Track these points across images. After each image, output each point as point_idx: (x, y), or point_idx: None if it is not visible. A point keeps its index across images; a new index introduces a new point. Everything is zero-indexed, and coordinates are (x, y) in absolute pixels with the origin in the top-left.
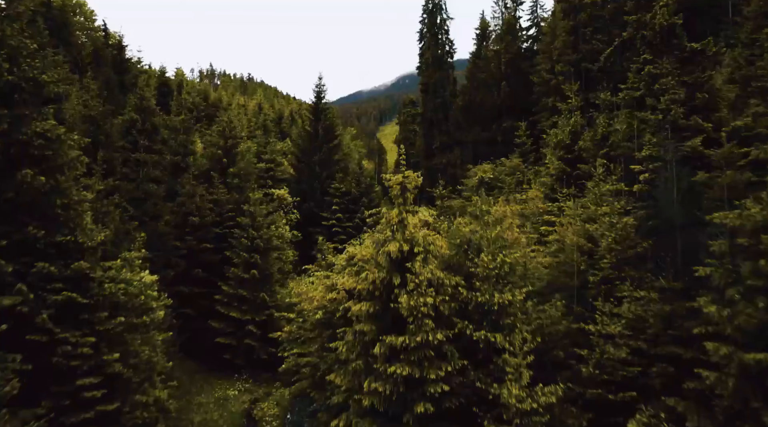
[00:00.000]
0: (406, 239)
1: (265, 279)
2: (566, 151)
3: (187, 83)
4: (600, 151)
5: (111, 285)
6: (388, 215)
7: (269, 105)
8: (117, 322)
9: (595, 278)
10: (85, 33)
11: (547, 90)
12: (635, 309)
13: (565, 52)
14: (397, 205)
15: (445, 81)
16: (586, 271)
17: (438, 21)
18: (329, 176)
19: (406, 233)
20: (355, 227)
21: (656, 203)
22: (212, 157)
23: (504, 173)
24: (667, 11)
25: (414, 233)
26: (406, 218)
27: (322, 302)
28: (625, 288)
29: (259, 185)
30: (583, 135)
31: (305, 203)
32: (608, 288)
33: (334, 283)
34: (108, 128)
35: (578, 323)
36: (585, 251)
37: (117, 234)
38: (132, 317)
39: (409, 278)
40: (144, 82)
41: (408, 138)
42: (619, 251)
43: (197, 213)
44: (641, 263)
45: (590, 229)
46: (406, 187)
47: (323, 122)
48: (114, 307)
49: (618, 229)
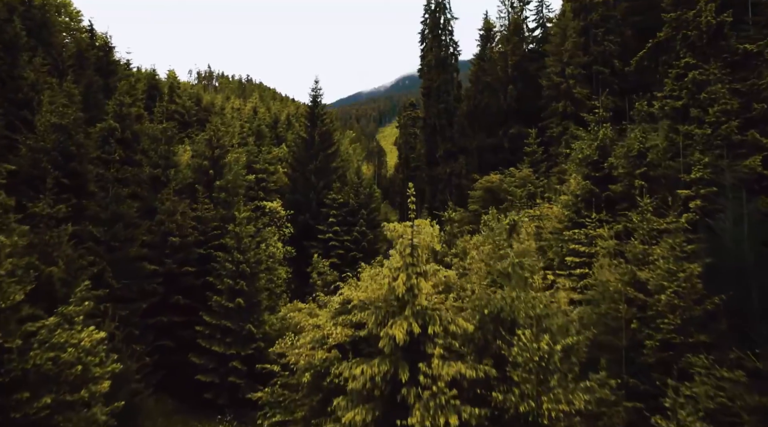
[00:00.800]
0: (416, 313)
1: (252, 308)
2: (593, 168)
3: (179, 86)
4: (636, 170)
5: (37, 354)
6: (392, 279)
7: (265, 108)
8: (42, 404)
9: (652, 343)
10: (71, 34)
11: (556, 94)
12: (715, 394)
13: (576, 54)
14: (404, 268)
15: (449, 85)
16: (639, 330)
17: (441, 21)
18: (326, 186)
19: (416, 303)
20: (353, 241)
21: (717, 240)
22: (198, 168)
23: (513, 185)
24: (713, 7)
25: (428, 306)
26: (418, 284)
27: (311, 359)
28: (700, 362)
29: (249, 198)
30: (614, 151)
31: (300, 215)
32: (671, 357)
33: (325, 335)
34: (81, 138)
35: (634, 401)
36: (634, 302)
37: (69, 272)
38: (65, 394)
39: (423, 377)
40: (124, 86)
41: (408, 142)
42: (683, 308)
43: (178, 232)
44: (711, 323)
45: (641, 275)
46: (417, 246)
47: (320, 128)
48: (40, 382)
49: (680, 278)
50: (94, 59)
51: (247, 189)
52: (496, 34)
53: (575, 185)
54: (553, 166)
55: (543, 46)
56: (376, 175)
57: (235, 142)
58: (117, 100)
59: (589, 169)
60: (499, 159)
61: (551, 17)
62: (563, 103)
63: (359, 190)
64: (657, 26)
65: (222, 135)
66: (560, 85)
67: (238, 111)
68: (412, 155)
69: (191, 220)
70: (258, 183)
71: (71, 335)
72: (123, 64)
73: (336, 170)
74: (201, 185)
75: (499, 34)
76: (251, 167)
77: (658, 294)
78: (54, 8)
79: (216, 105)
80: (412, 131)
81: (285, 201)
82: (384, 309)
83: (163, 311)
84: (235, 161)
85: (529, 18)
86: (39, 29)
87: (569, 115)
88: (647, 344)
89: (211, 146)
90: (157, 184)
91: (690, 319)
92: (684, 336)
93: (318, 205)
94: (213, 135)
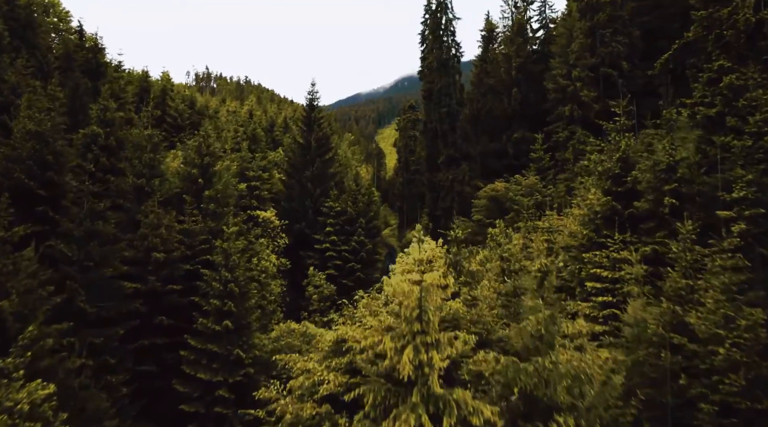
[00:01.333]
0: (426, 397)
1: (241, 330)
2: (615, 182)
3: (173, 88)
4: (664, 186)
5: None
6: (394, 352)
7: (262, 110)
8: None
9: (708, 407)
10: (59, 35)
11: (562, 97)
12: None
13: (583, 55)
14: (411, 337)
15: (452, 88)
16: (689, 386)
17: (443, 21)
18: (323, 193)
19: (427, 385)
20: (351, 251)
21: None
22: (186, 177)
23: (519, 193)
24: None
25: (445, 395)
26: (429, 359)
27: (300, 412)
28: None
29: (241, 207)
30: (639, 164)
31: (296, 224)
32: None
33: (316, 382)
34: (60, 146)
35: None
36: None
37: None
38: None
39: None
40: (109, 90)
41: (408, 145)
42: (747, 365)
43: (162, 247)
44: None
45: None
46: (427, 309)
47: (316, 133)
48: None
49: (741, 327)
50: (82, 61)
51: (239, 198)
52: (499, 35)
53: (594, 200)
54: (560, 172)
55: (547, 48)
56: (375, 177)
57: (228, 148)
58: (101, 104)
59: (609, 183)
60: (503, 165)
61: (554, 18)
62: (570, 107)
63: (357, 197)
64: (666, 26)
65: (212, 141)
66: (566, 88)
67: (234, 114)
68: (411, 158)
69: (177, 233)
70: (251, 191)
71: (5, 396)
72: (114, 66)
73: (333, 177)
74: (189, 195)
75: (501, 35)
76: (244, 175)
77: (713, 345)
78: (41, 8)
79: (210, 108)
80: (411, 134)
81: (280, 209)
82: (384, 388)
83: (145, 334)
84: (226, 169)
85: (532, 18)
86: (23, 30)
87: (576, 119)
88: (703, 408)
89: (200, 153)
90: (142, 194)
91: (757, 379)
92: (751, 401)
93: (314, 213)
94: (203, 141)
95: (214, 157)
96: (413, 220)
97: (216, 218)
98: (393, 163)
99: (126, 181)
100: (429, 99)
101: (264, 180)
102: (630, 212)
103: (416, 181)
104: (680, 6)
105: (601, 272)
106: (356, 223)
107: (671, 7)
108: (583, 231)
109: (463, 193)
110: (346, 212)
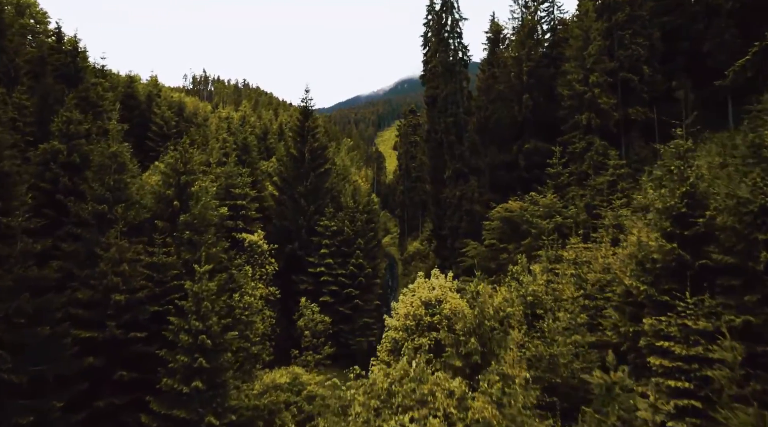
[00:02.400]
0: None
1: (214, 389)
2: (679, 223)
3: (160, 94)
4: (756, 234)
5: None
6: None
7: (256, 116)
8: None
9: None
10: (35, 37)
11: (578, 104)
12: None
13: (600, 59)
14: None
15: (458, 95)
16: None
17: (449, 22)
18: (318, 211)
19: None
20: (348, 275)
21: None
22: (161, 198)
23: (537, 214)
24: None
25: None
26: None
27: None
28: None
29: (227, 228)
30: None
31: (288, 245)
32: None
33: None
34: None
35: None
36: None
37: None
38: None
39: None
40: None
41: (409, 151)
42: None
43: (125, 287)
44: None
45: None
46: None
47: (311, 144)
48: None
49: None
50: (57, 65)
51: (223, 219)
52: (506, 37)
53: (651, 244)
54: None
55: (556, 50)
56: (374, 181)
57: (214, 161)
58: (63, 116)
59: (672, 224)
60: (513, 177)
61: (562, 19)
62: (587, 115)
63: (355, 216)
64: (689, 26)
65: (191, 156)
66: (584, 95)
67: (226, 120)
68: (413, 165)
69: (145, 268)
70: (237, 211)
71: None
72: (95, 70)
73: (329, 192)
74: (163, 220)
75: (509, 36)
76: (230, 192)
77: None
78: (13, 8)
79: (199, 115)
80: (412, 139)
81: (271, 227)
82: None
83: (101, 393)
84: (204, 191)
85: (543, 20)
86: None
87: (594, 129)
88: None
89: (176, 171)
90: (103, 223)
91: None
92: None
93: (308, 232)
94: (180, 157)
95: (194, 174)
96: (414, 229)
97: (192, 248)
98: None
99: (84, 207)
100: (432, 106)
101: (252, 198)
102: (702, 264)
103: (418, 189)
104: (704, 4)
105: (670, 346)
106: (354, 243)
107: (695, 5)
108: (638, 285)
109: (472, 212)
110: (342, 232)
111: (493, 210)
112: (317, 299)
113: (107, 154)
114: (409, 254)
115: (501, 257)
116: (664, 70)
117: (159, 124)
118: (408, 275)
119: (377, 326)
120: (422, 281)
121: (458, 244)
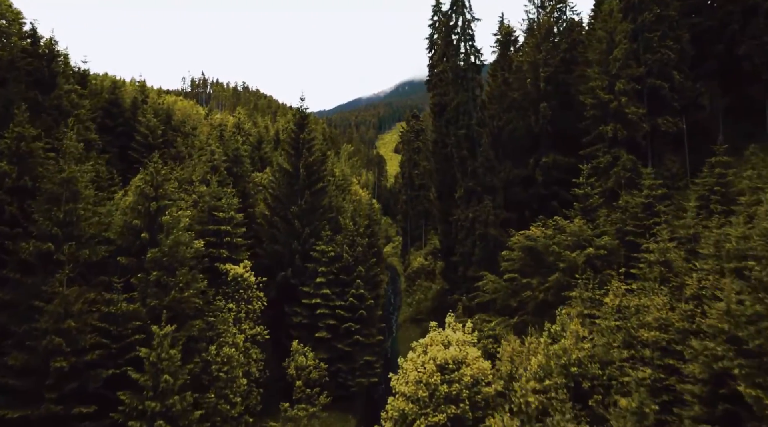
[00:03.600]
0: None
1: None
2: None
3: (146, 100)
4: None
5: None
6: None
7: (251, 123)
8: None
9: None
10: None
11: (603, 114)
12: None
13: (627, 64)
14: None
15: (471, 105)
16: None
17: (459, 23)
18: (313, 233)
19: None
20: (348, 308)
21: None
22: (126, 230)
23: (563, 244)
24: None
25: None
26: None
27: None
28: None
29: (211, 258)
30: None
31: (280, 272)
32: None
33: None
34: None
35: None
36: None
37: None
38: None
39: None
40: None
41: (412, 158)
42: None
43: (69, 348)
44: None
45: None
46: None
47: (306, 158)
48: None
49: None
50: (30, 70)
51: (200, 255)
52: (517, 39)
53: None
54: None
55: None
56: (375, 186)
57: (197, 179)
58: (14, 131)
59: None
60: (530, 194)
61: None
62: (612, 126)
63: (355, 240)
64: (721, 27)
65: (162, 179)
66: (609, 104)
67: (219, 127)
68: (415, 172)
69: (99, 320)
70: (221, 237)
71: None
72: (75, 74)
73: (326, 212)
74: (129, 256)
75: (522, 39)
76: (213, 216)
77: None
78: None
79: (189, 123)
80: (415, 146)
81: (262, 251)
82: None
83: None
84: (176, 222)
85: (559, 21)
86: None
87: (620, 142)
88: None
89: (146, 196)
90: (49, 265)
91: None
92: None
93: (303, 258)
94: (151, 179)
95: (166, 199)
96: (417, 239)
97: (161, 292)
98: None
99: (26, 246)
100: (440, 115)
101: (240, 222)
102: None
103: (421, 198)
104: (741, 3)
105: None
106: (354, 271)
107: (730, 4)
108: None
109: (486, 236)
110: (341, 258)
111: (512, 238)
112: (312, 335)
113: (57, 180)
114: (413, 270)
115: (524, 295)
116: (693, 76)
117: (144, 133)
118: (412, 294)
119: (379, 364)
120: (435, 334)
121: (470, 272)
